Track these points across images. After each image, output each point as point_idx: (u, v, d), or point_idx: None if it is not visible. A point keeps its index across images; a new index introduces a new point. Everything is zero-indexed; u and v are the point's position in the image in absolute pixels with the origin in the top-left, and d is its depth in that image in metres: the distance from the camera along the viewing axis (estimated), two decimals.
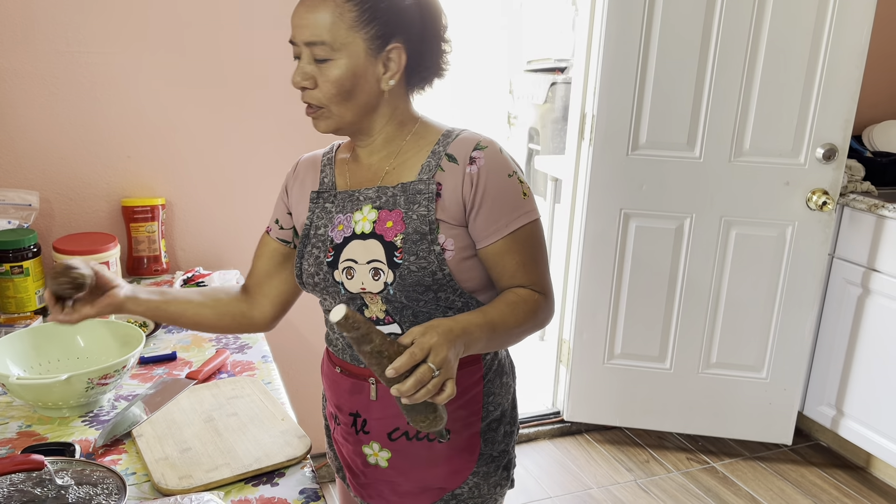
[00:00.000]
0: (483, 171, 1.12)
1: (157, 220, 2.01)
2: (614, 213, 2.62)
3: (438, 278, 1.10)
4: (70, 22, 1.87)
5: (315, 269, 1.17)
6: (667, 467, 2.73)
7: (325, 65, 1.09)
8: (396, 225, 1.11)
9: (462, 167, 1.12)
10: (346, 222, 1.16)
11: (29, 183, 1.93)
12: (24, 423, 1.28)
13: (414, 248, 1.09)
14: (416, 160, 1.15)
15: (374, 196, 1.15)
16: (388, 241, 1.11)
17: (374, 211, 1.14)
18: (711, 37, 2.42)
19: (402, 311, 1.14)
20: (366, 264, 1.12)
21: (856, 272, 2.64)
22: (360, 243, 1.13)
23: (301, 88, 1.12)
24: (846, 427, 2.72)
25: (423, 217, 1.11)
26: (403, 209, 1.12)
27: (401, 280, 1.09)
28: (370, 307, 1.15)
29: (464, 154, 1.13)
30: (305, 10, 1.09)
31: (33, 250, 1.70)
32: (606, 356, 2.78)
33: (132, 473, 1.14)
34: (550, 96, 5.31)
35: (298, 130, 2.15)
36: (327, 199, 1.21)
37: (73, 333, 1.42)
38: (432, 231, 1.10)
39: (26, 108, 1.89)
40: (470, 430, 1.22)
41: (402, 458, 1.22)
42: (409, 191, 1.12)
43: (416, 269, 1.09)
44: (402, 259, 1.09)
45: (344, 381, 1.23)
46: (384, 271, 1.10)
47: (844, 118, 2.44)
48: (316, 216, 1.20)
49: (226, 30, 2.01)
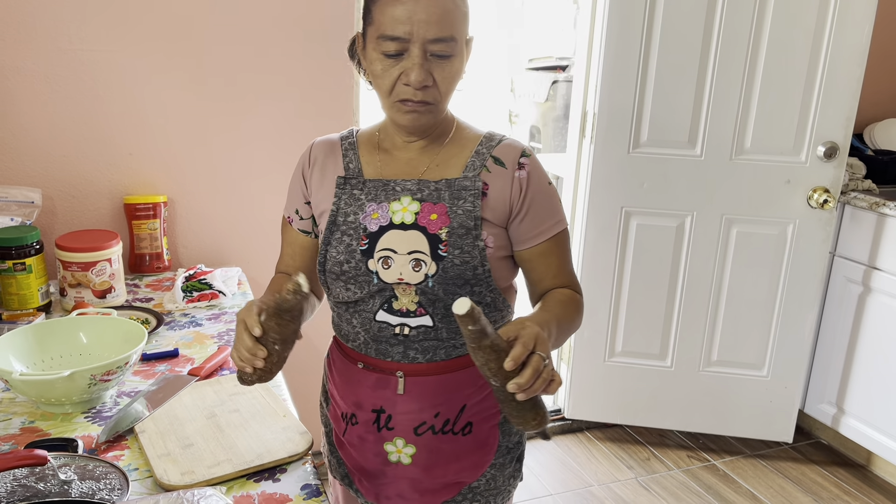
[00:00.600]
0: (531, 177, 1.17)
1: (158, 218, 2.01)
2: (615, 210, 2.62)
3: (478, 273, 1.13)
4: (72, 20, 1.87)
5: (346, 256, 1.15)
6: (667, 465, 2.73)
7: (447, 60, 1.08)
8: (441, 218, 1.13)
9: (511, 171, 1.16)
10: (381, 211, 1.15)
11: (31, 180, 1.93)
12: (27, 418, 1.28)
13: (459, 241, 1.12)
14: (459, 159, 1.18)
15: (415, 188, 1.15)
16: (433, 233, 1.12)
17: (416, 203, 1.14)
18: (713, 35, 2.42)
19: (434, 303, 1.14)
20: (406, 255, 1.12)
21: (857, 270, 2.64)
22: (400, 233, 1.13)
23: (422, 87, 1.08)
24: (847, 425, 2.72)
25: (468, 213, 1.13)
26: (448, 203, 1.14)
27: (443, 273, 1.11)
28: (401, 299, 1.15)
29: (512, 159, 1.17)
30: (431, 6, 1.05)
31: (36, 247, 1.70)
32: (607, 354, 2.79)
33: (135, 469, 1.14)
34: (552, 94, 5.31)
35: (300, 128, 2.16)
36: (355, 186, 1.18)
37: (76, 330, 1.43)
38: (476, 227, 1.13)
39: (29, 105, 1.89)
40: (490, 423, 1.24)
41: (427, 453, 1.22)
42: (454, 187, 1.14)
43: (459, 263, 1.12)
44: (447, 252, 1.12)
45: (367, 376, 1.21)
46: (426, 263, 1.12)
47: (846, 116, 2.44)
48: (343, 202, 1.18)
49: (228, 27, 2.02)
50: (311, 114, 2.16)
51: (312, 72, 2.12)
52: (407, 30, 1.05)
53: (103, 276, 1.74)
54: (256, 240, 2.19)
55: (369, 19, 1.11)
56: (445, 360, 1.19)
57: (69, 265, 1.72)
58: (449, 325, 1.16)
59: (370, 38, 1.11)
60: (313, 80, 2.13)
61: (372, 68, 1.12)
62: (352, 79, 2.18)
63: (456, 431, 1.21)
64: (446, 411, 1.20)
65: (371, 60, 1.12)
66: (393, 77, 1.09)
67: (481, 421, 1.23)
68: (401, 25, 1.05)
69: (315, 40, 2.10)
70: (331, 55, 2.13)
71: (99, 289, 1.74)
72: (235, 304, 1.84)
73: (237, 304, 1.84)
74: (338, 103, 2.18)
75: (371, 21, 1.11)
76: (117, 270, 1.78)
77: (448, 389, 1.19)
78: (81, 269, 1.72)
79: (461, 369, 1.20)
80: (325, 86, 2.15)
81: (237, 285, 1.94)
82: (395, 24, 1.06)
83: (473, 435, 1.23)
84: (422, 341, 1.17)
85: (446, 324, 1.16)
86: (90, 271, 1.73)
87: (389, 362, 1.19)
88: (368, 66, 1.14)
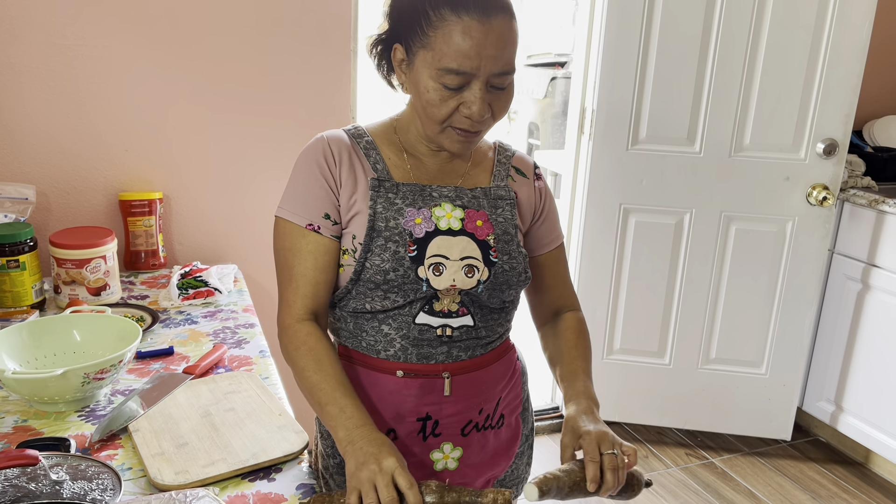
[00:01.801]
0: (545, 187, 1.28)
1: (154, 215, 2.00)
2: (614, 207, 2.61)
3: (521, 279, 1.17)
4: (67, 15, 1.86)
5: (393, 264, 1.09)
6: (666, 463, 2.73)
7: (504, 91, 1.09)
8: (486, 225, 1.15)
9: (531, 181, 1.26)
10: (423, 216, 1.13)
11: (26, 177, 1.92)
12: (19, 417, 1.27)
13: (506, 248, 1.15)
14: (484, 167, 1.22)
15: (453, 195, 1.16)
16: (482, 239, 1.14)
17: (460, 209, 1.15)
18: (712, 31, 2.41)
19: (474, 304, 1.16)
20: (459, 260, 1.12)
21: (856, 268, 2.63)
22: (450, 239, 1.13)
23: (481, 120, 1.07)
24: (845, 423, 2.72)
25: (508, 220, 1.18)
26: (488, 211, 1.17)
27: (494, 278, 1.14)
28: (442, 300, 1.14)
29: (529, 170, 1.27)
30: (499, 41, 1.03)
31: (30, 244, 1.69)
32: (606, 351, 2.78)
33: (128, 469, 1.13)
34: (550, 91, 5.30)
35: (296, 124, 2.15)
36: (389, 189, 1.13)
37: (70, 328, 1.42)
38: (517, 234, 1.18)
39: (23, 101, 1.88)
40: (516, 413, 1.29)
41: (472, 452, 1.23)
42: (490, 195, 1.18)
43: (508, 269, 1.15)
44: (498, 258, 1.14)
45: (410, 384, 1.16)
46: (479, 268, 1.13)
47: (845, 113, 2.43)
48: (380, 206, 1.12)
49: (225, 24, 2.00)
50: (308, 110, 2.15)
51: (310, 68, 2.11)
52: (475, 65, 1.02)
53: (98, 273, 1.73)
54: (253, 237, 2.18)
55: (426, 42, 1.05)
56: (483, 356, 1.21)
57: (63, 262, 1.71)
58: (487, 323, 1.19)
59: (424, 62, 1.06)
60: (311, 76, 2.12)
61: (425, 94, 1.07)
62: (349, 73, 2.16)
63: (494, 425, 1.24)
64: (487, 406, 1.23)
65: (425, 86, 1.07)
66: (451, 108, 1.06)
67: (510, 412, 1.28)
68: (468, 61, 1.02)
69: (312, 36, 2.08)
70: (328, 51, 2.12)
71: (93, 286, 1.73)
72: (231, 301, 1.83)
73: (233, 301, 1.83)
74: (335, 99, 2.17)
75: (429, 46, 1.04)
76: (112, 267, 1.77)
77: (488, 383, 1.22)
78: (76, 267, 1.71)
79: (496, 361, 1.23)
80: (322, 82, 2.14)
81: (233, 283, 1.93)
82: (462, 58, 1.02)
83: (506, 426, 1.27)
84: (464, 340, 1.17)
85: (485, 322, 1.18)
86: (85, 268, 1.71)
87: (434, 364, 1.16)
88: (416, 88, 1.09)
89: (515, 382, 1.29)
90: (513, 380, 1.28)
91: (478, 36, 1.01)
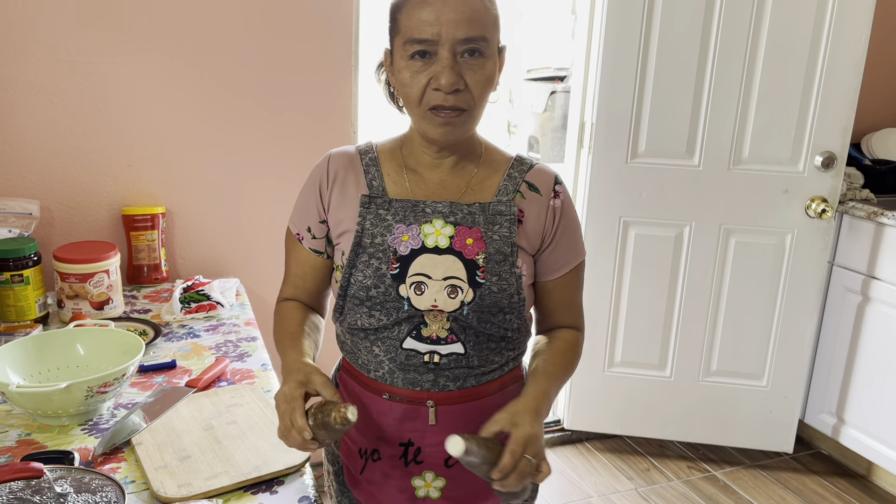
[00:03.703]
0: (565, 206, 1.16)
1: (157, 229, 2.01)
2: (614, 220, 2.62)
3: (514, 301, 1.10)
4: (71, 32, 1.88)
5: (374, 281, 1.08)
6: (667, 476, 2.72)
7: (478, 62, 1.03)
8: (477, 243, 1.08)
9: (546, 199, 1.14)
10: (411, 233, 1.09)
11: (30, 192, 1.93)
12: (23, 431, 1.28)
13: (497, 268, 1.08)
14: (492, 182, 1.14)
15: (447, 211, 1.10)
16: (469, 258, 1.07)
17: (450, 226, 1.09)
18: (710, 45, 2.43)
19: (466, 330, 1.10)
20: (441, 280, 1.07)
21: (855, 280, 2.64)
22: (434, 258, 1.08)
23: (453, 91, 1.02)
24: (847, 435, 2.71)
25: (505, 238, 1.10)
26: (483, 228, 1.09)
27: (480, 300, 1.07)
28: (430, 325, 1.09)
29: (547, 186, 1.15)
30: (460, 5, 1.00)
31: (34, 259, 1.70)
32: (606, 364, 2.78)
33: (131, 481, 1.14)
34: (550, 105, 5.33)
35: (298, 138, 2.16)
36: (380, 206, 1.12)
37: (74, 341, 1.42)
38: (513, 254, 1.10)
39: (27, 117, 1.90)
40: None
41: (457, 485, 1.17)
42: (488, 211, 1.10)
43: (496, 291, 1.08)
44: (485, 279, 1.07)
45: (394, 408, 1.14)
46: (463, 289, 1.07)
47: (843, 126, 2.45)
48: (369, 223, 1.11)
49: (227, 39, 2.02)
50: (310, 124, 2.16)
51: (311, 82, 2.13)
52: (435, 31, 1.00)
53: (101, 287, 1.74)
54: (254, 251, 2.19)
55: (396, 28, 1.06)
56: (476, 387, 1.15)
57: (67, 276, 1.72)
58: (480, 352, 1.12)
59: (397, 48, 1.06)
60: (312, 91, 2.14)
61: (400, 78, 1.05)
62: (350, 88, 2.18)
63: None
64: None
65: (399, 70, 1.06)
66: (422, 84, 1.03)
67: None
68: (428, 27, 1.00)
69: (314, 52, 2.10)
70: (329, 65, 2.14)
71: (97, 300, 1.74)
72: (233, 314, 1.84)
73: (235, 314, 1.84)
74: (336, 113, 2.19)
75: (398, 30, 1.05)
76: (115, 282, 1.78)
77: (480, 416, 1.10)
78: (79, 281, 1.72)
79: (494, 393, 1.17)
80: (323, 96, 2.16)
81: (235, 296, 1.94)
82: (422, 26, 1.00)
83: None
84: (453, 369, 1.12)
85: (478, 351, 1.12)
86: (88, 283, 1.72)
87: (419, 391, 1.13)
88: (397, 79, 1.07)
89: None
90: None
91: (436, 3, 1.00)
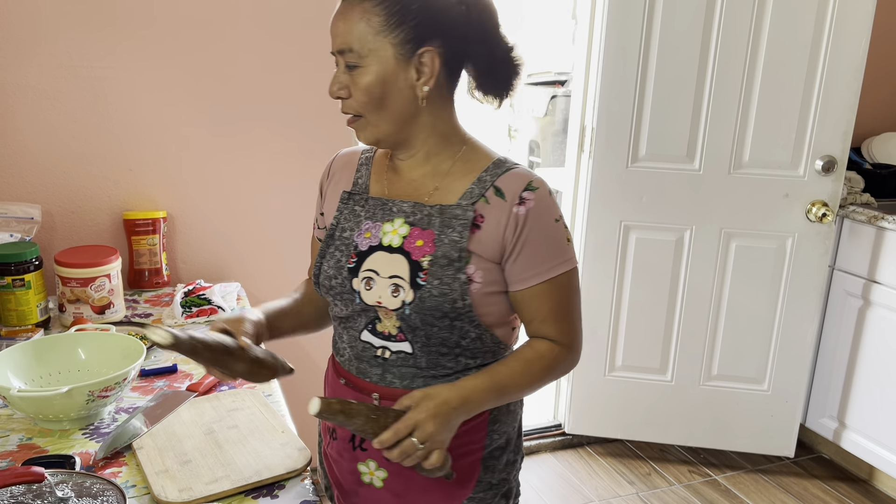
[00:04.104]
0: (531, 214, 1.09)
1: (158, 233, 2.01)
2: (614, 225, 2.62)
3: (458, 307, 1.08)
4: (72, 36, 1.88)
5: (334, 272, 1.14)
6: (668, 480, 2.72)
7: (356, 72, 1.08)
8: (427, 245, 1.09)
9: (510, 205, 1.09)
10: (374, 230, 1.13)
11: (31, 196, 1.94)
12: (24, 435, 1.28)
13: (439, 272, 1.07)
14: (461, 184, 1.12)
15: (410, 211, 1.12)
16: (415, 259, 1.08)
17: (407, 226, 1.11)
18: (710, 49, 2.43)
19: (415, 331, 1.11)
20: (387, 278, 1.09)
21: (856, 284, 2.64)
22: (385, 255, 1.10)
23: (338, 98, 1.11)
24: (848, 439, 2.71)
25: (454, 243, 1.08)
26: (437, 231, 1.09)
27: (420, 302, 1.07)
28: (384, 321, 1.12)
29: (513, 192, 1.09)
30: (336, 19, 1.08)
31: (35, 263, 1.70)
32: (607, 368, 2.78)
33: (132, 486, 1.14)
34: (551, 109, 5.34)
35: (300, 144, 2.17)
36: (357, 202, 1.18)
37: (75, 346, 1.43)
38: (461, 259, 1.07)
39: (29, 122, 1.90)
40: (471, 458, 1.18)
41: (398, 479, 1.18)
42: (445, 214, 1.10)
43: (437, 294, 1.07)
44: (426, 281, 1.07)
45: (347, 393, 1.19)
46: (405, 289, 1.08)
47: (843, 130, 2.45)
48: (343, 217, 1.18)
49: (229, 44, 2.03)
50: (311, 129, 2.17)
51: (313, 87, 2.13)
52: (331, 43, 1.10)
53: (102, 291, 1.74)
54: (256, 255, 2.20)
55: None
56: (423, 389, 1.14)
57: (68, 281, 1.72)
58: (429, 355, 1.12)
59: None
60: (313, 96, 2.14)
61: None
62: None
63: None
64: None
65: None
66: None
67: (460, 456, 1.16)
68: (331, 40, 1.10)
69: (316, 56, 2.11)
70: (331, 70, 2.14)
71: (98, 304, 1.74)
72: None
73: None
74: (338, 119, 2.18)
75: None
76: (116, 286, 1.78)
77: None
78: (80, 285, 1.72)
79: None
80: (325, 101, 2.15)
81: (236, 301, 1.94)
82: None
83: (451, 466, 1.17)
84: (400, 367, 1.14)
85: (426, 353, 1.12)
86: (89, 287, 1.73)
87: (368, 383, 1.16)
88: None
89: (476, 428, 1.17)
90: (472, 425, 1.16)
91: (333, 17, 1.10)
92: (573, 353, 1.17)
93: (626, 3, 2.41)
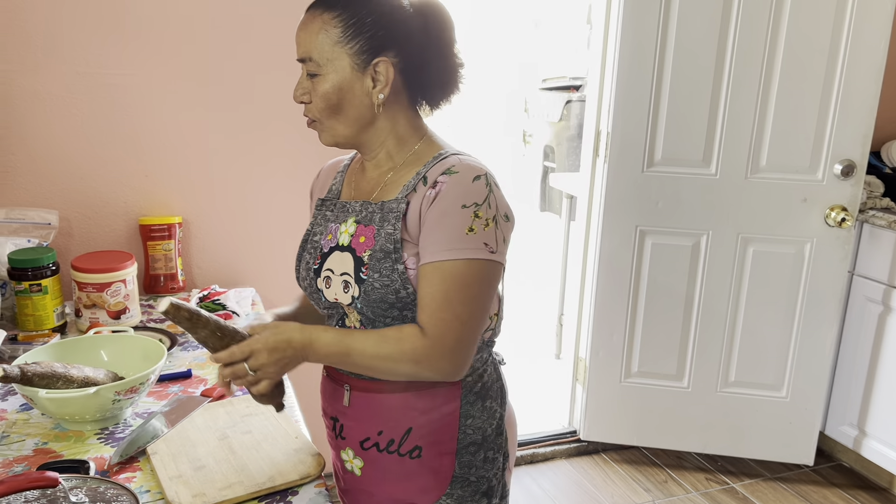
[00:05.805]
0: (440, 195, 1.09)
1: (173, 239, 2.02)
2: (630, 230, 2.61)
3: (402, 296, 1.11)
4: (89, 44, 1.90)
5: (305, 273, 1.22)
6: (685, 487, 2.69)
7: (316, 80, 1.14)
8: (368, 241, 1.14)
9: (427, 188, 1.11)
10: (334, 232, 1.19)
11: (48, 202, 1.95)
12: (39, 440, 1.29)
13: (378, 265, 1.11)
14: (403, 180, 1.16)
15: (359, 210, 1.18)
16: (359, 255, 1.14)
17: (355, 224, 1.17)
18: (726, 53, 2.42)
19: (373, 323, 1.15)
20: (339, 276, 1.15)
21: (876, 289, 2.61)
22: (339, 254, 1.16)
23: (301, 103, 1.18)
24: (869, 447, 2.67)
25: (389, 235, 1.12)
26: (377, 226, 1.14)
27: (365, 296, 1.12)
28: (349, 317, 1.17)
29: (433, 176, 1.11)
30: (300, 29, 1.16)
31: (52, 268, 1.72)
32: (623, 374, 2.76)
33: (146, 491, 1.14)
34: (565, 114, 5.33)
35: (314, 150, 2.16)
36: (328, 208, 1.24)
37: (97, 347, 1.45)
38: (397, 250, 1.11)
39: (46, 128, 1.92)
40: (441, 449, 1.19)
41: (373, 468, 1.23)
42: (385, 209, 1.14)
43: (379, 287, 1.11)
44: (367, 275, 1.12)
45: (327, 384, 1.28)
46: (352, 285, 1.14)
47: (862, 134, 2.42)
48: (316, 222, 1.25)
49: (244, 51, 2.04)
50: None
51: None
52: (297, 52, 1.17)
53: (118, 296, 1.75)
54: (270, 260, 2.20)
55: None
56: (383, 381, 1.17)
57: (84, 286, 1.73)
58: None
59: None
60: None
61: None
62: None
63: (402, 453, 1.19)
64: (390, 431, 1.19)
65: None
66: None
67: (431, 445, 1.18)
68: (297, 49, 1.17)
69: None
70: None
71: (114, 309, 1.75)
72: (249, 324, 1.84)
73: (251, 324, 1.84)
74: None
75: None
76: (132, 291, 1.79)
77: (391, 409, 1.18)
78: (96, 290, 1.73)
79: (405, 391, 1.17)
80: None
81: (251, 306, 1.95)
82: None
83: (423, 460, 1.19)
84: None
85: None
86: (105, 292, 1.74)
87: (341, 374, 1.23)
88: None
89: (446, 420, 1.18)
90: (440, 418, 1.18)
91: (297, 26, 1.17)
92: (437, 351, 1.08)
93: (642, 6, 2.40)
